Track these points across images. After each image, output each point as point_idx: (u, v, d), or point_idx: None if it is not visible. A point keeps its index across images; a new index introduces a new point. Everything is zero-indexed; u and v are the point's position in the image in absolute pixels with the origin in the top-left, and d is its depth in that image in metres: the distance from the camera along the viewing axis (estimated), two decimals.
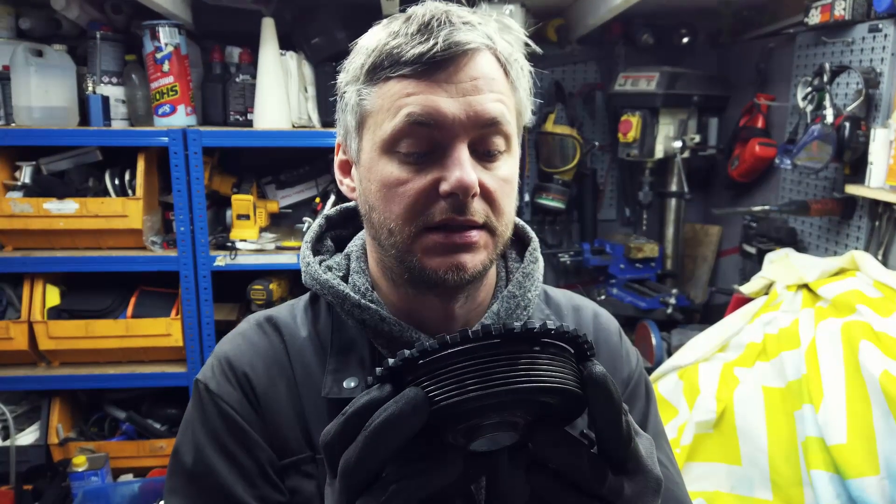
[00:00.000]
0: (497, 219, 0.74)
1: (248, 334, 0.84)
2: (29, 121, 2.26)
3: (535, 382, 0.47)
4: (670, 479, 0.85)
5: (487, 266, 0.75)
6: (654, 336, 2.54)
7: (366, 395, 0.50)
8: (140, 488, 2.28)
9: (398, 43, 0.70)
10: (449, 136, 0.70)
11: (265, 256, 2.40)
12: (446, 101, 0.69)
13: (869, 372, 1.55)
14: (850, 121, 1.98)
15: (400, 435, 0.47)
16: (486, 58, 0.72)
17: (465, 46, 0.69)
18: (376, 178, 0.73)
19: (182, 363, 2.44)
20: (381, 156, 0.73)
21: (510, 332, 0.47)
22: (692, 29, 2.83)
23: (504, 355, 0.47)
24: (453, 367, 0.47)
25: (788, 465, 1.62)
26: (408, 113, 0.69)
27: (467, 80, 0.70)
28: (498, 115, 0.71)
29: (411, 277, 0.75)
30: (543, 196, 2.87)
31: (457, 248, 0.72)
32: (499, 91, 0.72)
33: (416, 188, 0.71)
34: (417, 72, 0.69)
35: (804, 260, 2.08)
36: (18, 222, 2.26)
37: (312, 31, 2.39)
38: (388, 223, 0.73)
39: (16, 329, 2.31)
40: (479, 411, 0.47)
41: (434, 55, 0.68)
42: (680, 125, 2.71)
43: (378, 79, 0.72)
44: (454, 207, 0.70)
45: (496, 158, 0.73)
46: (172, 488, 0.78)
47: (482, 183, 0.72)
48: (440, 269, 0.72)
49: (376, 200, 0.74)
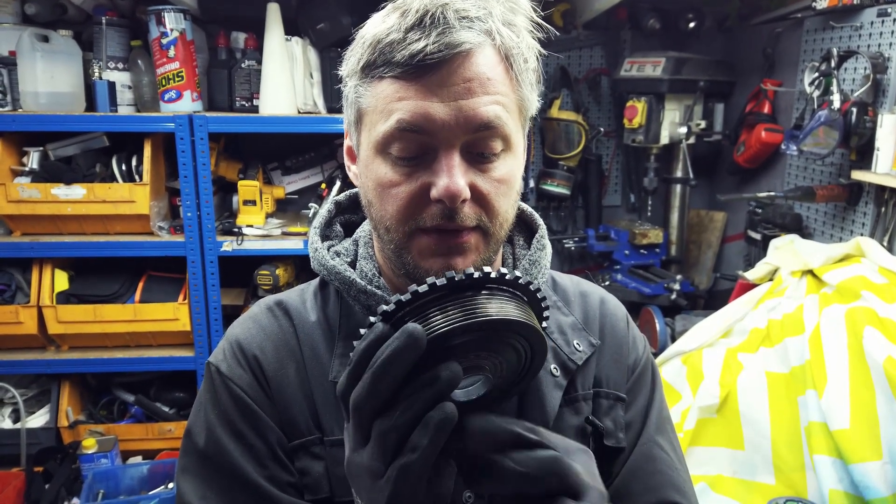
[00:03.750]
0: (490, 220, 0.73)
1: (258, 318, 0.85)
2: (36, 106, 2.27)
3: (509, 316, 0.54)
4: (669, 465, 0.86)
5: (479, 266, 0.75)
6: (658, 322, 2.55)
7: (368, 336, 0.53)
8: (149, 470, 2.31)
9: (391, 40, 0.68)
10: (439, 141, 0.69)
11: (271, 242, 2.41)
12: (437, 107, 0.68)
13: (873, 358, 1.56)
14: (858, 106, 1.97)
15: (403, 365, 0.51)
16: (484, 55, 0.69)
17: (457, 49, 0.67)
18: (372, 176, 0.74)
19: (189, 347, 2.46)
20: (376, 156, 0.73)
21: (487, 275, 0.54)
22: (699, 13, 2.81)
23: (482, 296, 0.55)
24: (442, 305, 0.53)
25: (791, 449, 1.64)
26: (398, 119, 0.69)
27: (460, 83, 0.68)
28: (492, 119, 0.69)
29: (407, 273, 0.76)
30: (548, 182, 2.87)
31: (449, 250, 0.72)
32: (495, 92, 0.70)
33: (408, 192, 0.71)
34: (409, 74, 0.68)
35: (809, 246, 2.08)
36: (26, 208, 2.27)
37: (318, 17, 2.38)
38: (385, 221, 0.74)
39: (25, 313, 2.34)
40: (462, 347, 0.54)
41: (425, 57, 0.66)
42: (686, 111, 2.70)
43: (372, 77, 0.71)
44: (444, 214, 0.70)
45: (492, 160, 0.72)
46: (184, 467, 0.80)
47: (475, 186, 0.71)
48: (432, 270, 0.73)
49: (373, 197, 0.75)
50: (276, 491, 0.76)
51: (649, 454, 0.85)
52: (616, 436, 0.85)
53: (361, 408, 0.53)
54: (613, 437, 0.85)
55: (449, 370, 0.52)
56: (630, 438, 0.86)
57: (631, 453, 0.86)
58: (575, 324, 0.88)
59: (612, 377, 0.88)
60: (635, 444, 0.86)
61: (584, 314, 0.90)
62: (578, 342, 0.85)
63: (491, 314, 0.53)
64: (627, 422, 0.87)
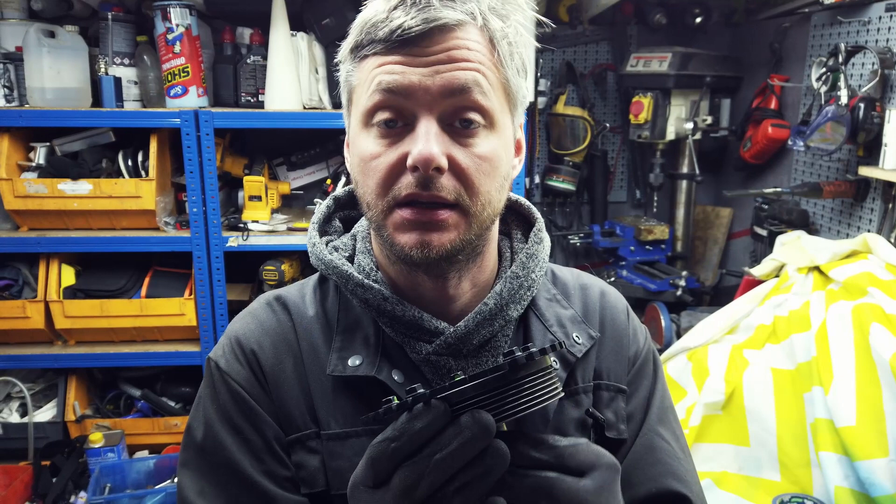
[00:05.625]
0: (471, 198, 0.72)
1: (257, 313, 0.86)
2: (42, 102, 2.28)
3: (540, 404, 0.57)
4: (671, 454, 0.86)
5: (458, 246, 0.73)
6: (663, 318, 2.55)
7: (420, 417, 0.54)
8: (155, 465, 2.33)
9: (376, 21, 0.71)
10: (417, 106, 0.70)
11: (277, 237, 2.41)
12: (415, 71, 0.70)
13: (879, 354, 1.55)
14: (865, 102, 1.96)
15: (473, 452, 0.53)
16: (467, 31, 0.71)
17: (437, 22, 0.69)
18: (356, 151, 0.75)
19: (195, 342, 2.47)
20: (361, 129, 0.74)
21: (514, 363, 0.56)
22: (705, 8, 2.80)
23: (513, 384, 0.56)
24: (479, 396, 0.55)
25: (797, 446, 1.63)
26: (378, 81, 0.71)
27: (441, 52, 0.70)
28: (469, 83, 0.70)
29: (393, 254, 0.77)
30: (554, 178, 2.87)
31: (424, 226, 0.72)
32: (476, 62, 0.71)
33: (387, 162, 0.72)
34: (391, 48, 0.70)
35: (816, 242, 2.07)
36: (33, 203, 2.28)
37: (323, 12, 2.38)
38: (366, 197, 0.75)
39: (32, 308, 2.35)
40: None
41: (406, 31, 0.69)
42: (692, 106, 2.69)
43: (360, 57, 0.74)
44: (419, 181, 0.70)
45: (473, 134, 0.72)
46: (184, 461, 0.81)
47: (453, 158, 0.71)
48: (406, 245, 0.73)
49: (357, 174, 0.76)
50: (271, 486, 0.77)
51: (650, 444, 0.86)
52: (617, 427, 0.86)
53: (409, 487, 0.54)
54: (614, 429, 0.85)
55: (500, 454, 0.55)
56: (631, 430, 0.87)
57: (633, 444, 0.86)
58: (574, 317, 0.88)
59: (613, 369, 0.88)
60: (637, 435, 0.86)
61: (584, 307, 0.91)
62: (578, 335, 0.86)
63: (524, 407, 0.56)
64: (629, 413, 0.87)
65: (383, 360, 0.79)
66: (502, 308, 0.80)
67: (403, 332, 0.80)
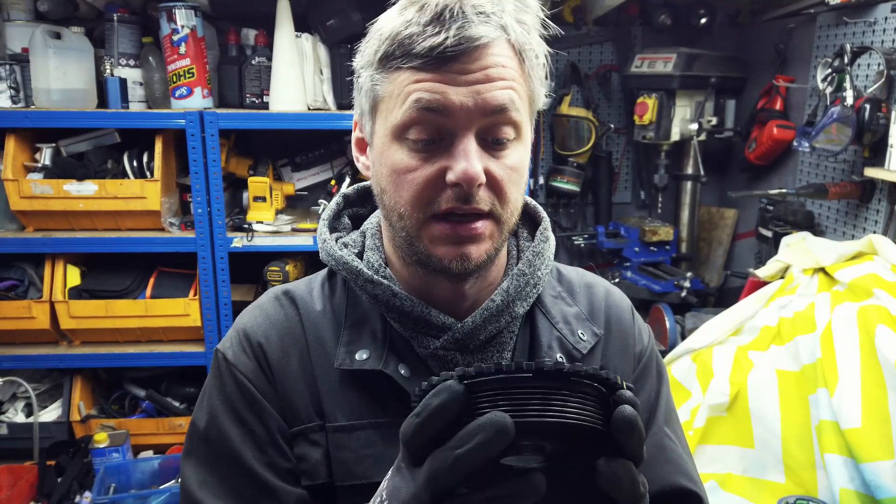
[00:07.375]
0: (502, 207, 0.75)
1: (265, 306, 0.88)
2: (48, 103, 2.29)
3: (577, 420, 0.54)
4: (678, 454, 0.88)
5: (492, 254, 0.77)
6: (668, 319, 2.54)
7: (441, 392, 0.53)
8: (160, 465, 2.33)
9: (410, 33, 0.70)
10: (456, 125, 0.71)
11: (281, 238, 2.42)
12: (454, 90, 0.70)
13: (885, 356, 1.55)
14: (871, 103, 1.95)
15: (489, 454, 0.51)
16: (500, 47, 0.72)
17: (476, 42, 0.69)
18: (387, 163, 0.76)
19: (200, 343, 2.48)
20: (392, 142, 0.75)
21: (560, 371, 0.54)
22: (710, 9, 2.80)
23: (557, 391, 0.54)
24: (521, 392, 0.53)
25: (802, 448, 1.63)
26: (416, 98, 0.71)
27: (478, 71, 0.71)
28: (506, 102, 0.72)
29: (419, 261, 0.78)
30: (558, 179, 2.87)
31: (462, 240, 0.74)
32: (510, 79, 0.72)
33: (424, 176, 0.73)
34: (428, 65, 0.70)
35: (821, 244, 2.06)
36: (39, 203, 2.29)
37: (328, 13, 2.39)
38: (399, 208, 0.76)
39: (38, 308, 2.36)
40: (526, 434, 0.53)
41: (445, 50, 0.69)
42: (697, 107, 2.69)
43: (390, 68, 0.73)
44: (459, 197, 0.72)
45: (505, 147, 0.74)
46: (188, 451, 0.82)
47: (489, 171, 0.73)
48: (445, 258, 0.75)
49: (387, 184, 0.76)
50: (272, 478, 0.78)
51: (660, 444, 0.87)
52: None
53: (441, 482, 0.53)
54: None
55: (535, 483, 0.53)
56: None
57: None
58: (579, 314, 0.89)
59: (619, 367, 0.89)
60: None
61: (590, 305, 0.92)
62: (582, 332, 0.87)
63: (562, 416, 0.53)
64: None
65: (390, 354, 0.80)
66: (509, 305, 0.82)
67: (411, 327, 0.81)
